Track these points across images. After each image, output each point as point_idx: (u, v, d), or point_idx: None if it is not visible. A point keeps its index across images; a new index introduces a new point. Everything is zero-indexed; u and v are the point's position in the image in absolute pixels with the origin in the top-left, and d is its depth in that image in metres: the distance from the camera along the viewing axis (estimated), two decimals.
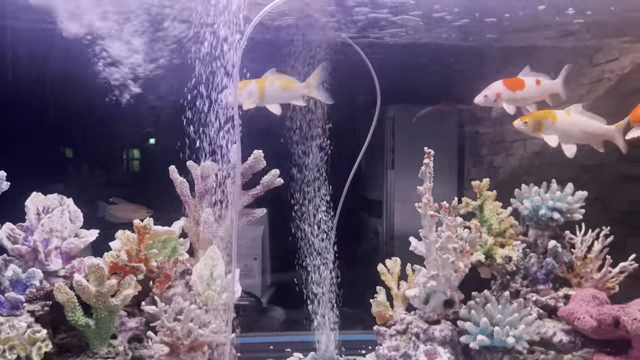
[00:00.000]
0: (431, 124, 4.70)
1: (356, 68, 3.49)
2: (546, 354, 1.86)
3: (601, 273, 1.85)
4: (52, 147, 2.56)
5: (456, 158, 4.72)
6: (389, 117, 4.92)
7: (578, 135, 1.94)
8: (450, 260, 1.70)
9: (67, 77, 2.17)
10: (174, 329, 1.55)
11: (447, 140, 4.79)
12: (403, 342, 1.81)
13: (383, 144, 4.81)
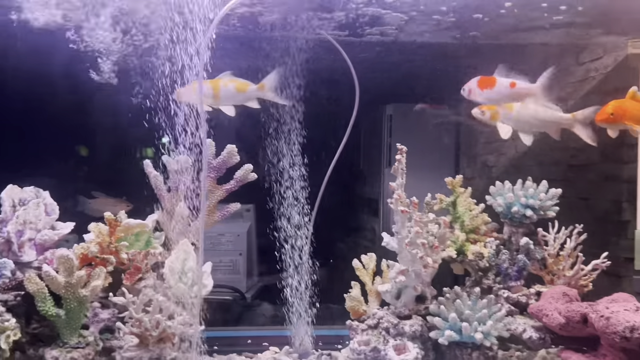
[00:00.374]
0: (428, 123, 4.71)
1: (357, 67, 3.51)
2: (522, 351, 1.87)
3: (573, 270, 1.85)
4: (35, 141, 2.60)
5: (453, 157, 4.73)
6: (386, 116, 4.93)
7: (534, 123, 1.92)
8: (419, 255, 1.71)
9: (45, 70, 2.20)
10: (142, 320, 1.57)
11: (444, 139, 4.81)
12: (374, 336, 1.82)
13: (380, 142, 4.82)
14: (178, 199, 1.82)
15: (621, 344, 1.57)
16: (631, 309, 1.60)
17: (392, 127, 4.75)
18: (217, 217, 1.88)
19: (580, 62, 2.81)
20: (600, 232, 2.62)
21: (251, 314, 2.77)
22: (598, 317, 1.61)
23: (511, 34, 2.73)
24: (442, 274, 2.05)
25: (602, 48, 2.62)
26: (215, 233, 2.91)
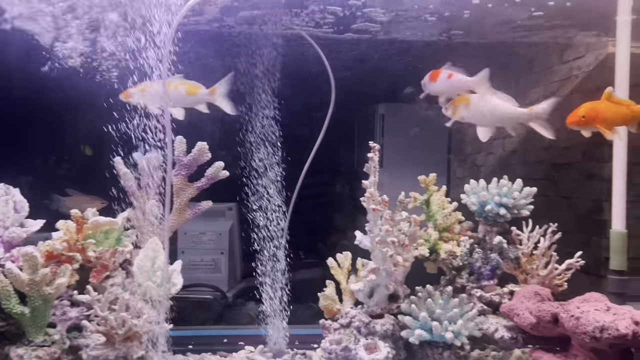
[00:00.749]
0: (420, 123, 4.70)
1: (351, 67, 3.50)
2: (497, 351, 1.86)
3: (547, 270, 1.83)
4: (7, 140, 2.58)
5: (445, 156, 4.72)
6: (379, 115, 4.92)
7: (491, 118, 1.90)
8: (389, 254, 1.70)
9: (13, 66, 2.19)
10: (107, 318, 1.56)
11: (436, 138, 4.79)
12: (345, 336, 1.80)
13: (373, 142, 4.79)
14: (149, 197, 1.81)
15: (591, 344, 1.56)
16: (602, 308, 1.59)
17: (385, 126, 4.75)
18: (188, 215, 1.87)
19: (564, 61, 2.79)
20: (581, 231, 2.61)
21: (232, 313, 2.75)
22: (568, 317, 1.59)
23: (497, 33, 2.73)
24: (420, 273, 2.05)
25: (584, 46, 2.61)
26: (197, 232, 2.90)
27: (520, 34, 2.70)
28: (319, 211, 4.57)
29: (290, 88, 3.14)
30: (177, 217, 1.86)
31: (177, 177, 1.82)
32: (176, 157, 1.81)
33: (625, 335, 1.49)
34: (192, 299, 2.73)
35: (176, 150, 1.81)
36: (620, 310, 1.57)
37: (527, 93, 3.23)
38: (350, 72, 3.66)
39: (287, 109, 2.57)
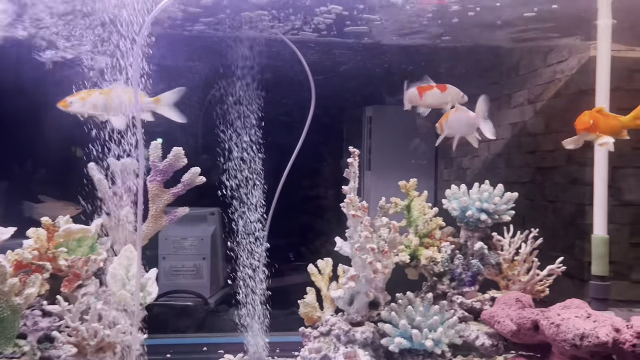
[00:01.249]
0: (408, 125, 4.69)
1: (339, 71, 3.48)
2: (480, 358, 1.84)
3: (529, 276, 1.82)
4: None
5: (433, 159, 4.71)
6: (366, 117, 4.91)
7: (462, 127, 1.97)
8: (368, 260, 1.67)
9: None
10: (78, 328, 1.52)
11: (423, 141, 4.79)
12: (325, 344, 1.78)
13: (360, 144, 4.80)
14: (124, 204, 1.77)
15: (571, 352, 1.54)
16: (582, 315, 1.57)
17: (372, 129, 4.73)
18: (164, 222, 1.83)
19: (548, 64, 2.79)
20: (565, 235, 2.61)
21: (214, 320, 2.71)
22: (549, 324, 1.57)
23: (484, 36, 2.72)
24: (405, 279, 2.02)
25: (567, 50, 2.60)
26: (178, 237, 2.86)
27: (507, 37, 2.70)
28: (306, 215, 4.55)
29: (276, 91, 3.11)
30: (153, 223, 1.82)
31: (152, 183, 1.79)
32: (151, 162, 1.78)
33: (606, 342, 1.47)
34: (173, 305, 2.69)
35: (151, 156, 1.78)
36: (601, 318, 1.55)
37: (513, 96, 3.23)
38: (339, 75, 3.65)
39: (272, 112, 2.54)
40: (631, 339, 1.50)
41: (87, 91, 1.66)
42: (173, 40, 2.36)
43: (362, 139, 4.83)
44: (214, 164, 2.15)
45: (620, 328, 1.52)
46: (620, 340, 1.50)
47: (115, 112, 1.62)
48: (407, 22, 2.47)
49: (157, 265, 2.91)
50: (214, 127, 2.27)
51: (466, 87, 2.27)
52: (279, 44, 2.54)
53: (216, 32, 2.33)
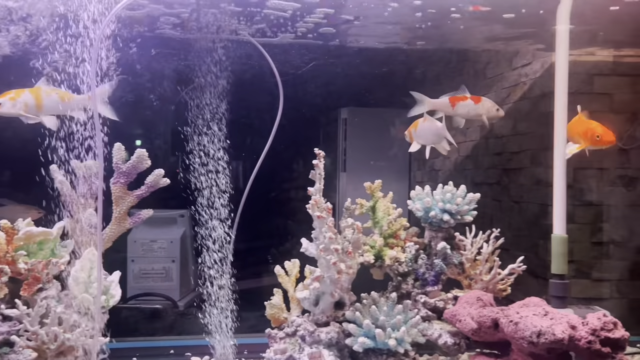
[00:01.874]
0: (382, 127, 4.72)
1: (314, 72, 3.49)
2: (446, 356, 1.86)
3: (490, 275, 1.85)
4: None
5: (407, 161, 4.76)
6: (341, 119, 4.93)
7: (430, 136, 2.04)
8: (332, 261, 1.68)
9: None
10: (37, 333, 1.50)
11: (398, 143, 4.83)
12: (290, 344, 1.79)
13: (336, 146, 4.82)
14: (86, 206, 1.75)
15: (529, 349, 1.58)
16: (540, 313, 1.61)
17: (347, 131, 4.76)
18: (128, 224, 1.82)
19: (513, 67, 2.85)
20: (530, 235, 2.66)
21: (184, 323, 2.70)
22: (507, 322, 1.61)
23: (453, 40, 2.76)
24: (372, 279, 2.04)
25: (531, 54, 2.66)
26: (147, 239, 2.84)
27: (475, 40, 2.74)
28: (279, 216, 4.55)
29: (247, 93, 3.11)
30: (117, 226, 1.81)
31: (115, 185, 1.78)
32: (115, 164, 1.76)
33: (562, 339, 1.51)
34: (142, 308, 2.66)
35: (114, 158, 1.76)
36: (558, 315, 1.59)
37: None
38: (314, 77, 3.66)
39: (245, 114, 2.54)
40: (586, 335, 1.54)
41: (17, 91, 1.63)
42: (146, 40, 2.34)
43: (337, 141, 4.86)
44: (185, 166, 2.14)
45: (576, 325, 1.56)
46: (576, 337, 1.54)
47: (47, 112, 1.59)
48: (382, 24, 2.50)
49: (126, 268, 2.89)
50: (186, 129, 2.26)
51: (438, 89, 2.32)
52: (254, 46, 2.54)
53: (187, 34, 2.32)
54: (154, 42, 2.37)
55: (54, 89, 1.68)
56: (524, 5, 2.09)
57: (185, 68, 2.40)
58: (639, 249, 2.49)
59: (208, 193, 2.14)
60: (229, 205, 2.12)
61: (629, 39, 2.45)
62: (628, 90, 2.49)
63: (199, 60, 2.43)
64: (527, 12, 2.16)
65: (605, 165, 2.51)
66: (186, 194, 2.14)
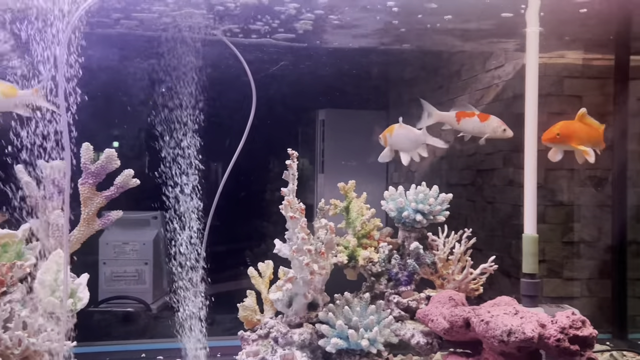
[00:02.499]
0: (360, 129, 4.73)
1: (292, 74, 3.48)
2: (419, 356, 1.87)
3: (462, 274, 1.87)
4: None
5: (385, 162, 4.76)
6: (319, 121, 4.94)
7: (406, 144, 2.08)
8: (304, 262, 1.68)
9: None
10: (1, 337, 1.46)
11: (375, 145, 4.84)
12: (263, 346, 1.77)
13: (313, 148, 4.82)
14: (54, 207, 1.71)
15: (500, 348, 1.59)
16: (510, 312, 1.62)
17: (325, 132, 4.76)
18: (97, 226, 1.78)
19: (487, 69, 2.88)
20: (503, 235, 2.70)
21: (157, 326, 2.66)
22: (479, 322, 1.62)
23: (428, 42, 2.78)
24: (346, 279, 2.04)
25: (504, 56, 2.69)
26: (119, 242, 2.79)
27: (449, 42, 2.77)
28: (256, 218, 4.53)
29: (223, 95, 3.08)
30: (85, 227, 1.77)
31: (84, 186, 1.74)
32: (83, 164, 1.73)
33: (532, 338, 1.52)
34: (114, 312, 2.62)
35: (83, 158, 1.73)
36: (528, 314, 1.61)
37: (455, 101, 3.31)
38: (291, 79, 3.65)
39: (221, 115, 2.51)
40: (555, 333, 1.56)
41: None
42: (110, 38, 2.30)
43: (315, 142, 4.86)
44: (158, 167, 2.11)
45: (546, 324, 1.58)
46: (545, 336, 1.56)
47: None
48: (359, 25, 2.50)
49: (98, 271, 2.84)
50: (160, 130, 2.23)
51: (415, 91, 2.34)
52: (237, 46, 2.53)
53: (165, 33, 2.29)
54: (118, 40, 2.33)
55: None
56: (498, 7, 2.12)
57: (155, 68, 2.37)
58: (608, 248, 2.54)
59: (181, 194, 2.12)
60: (203, 206, 2.10)
61: (597, 42, 2.50)
62: (597, 92, 2.54)
63: (170, 61, 2.40)
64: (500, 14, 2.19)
65: (575, 166, 2.55)
66: (159, 195, 2.11)
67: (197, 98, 2.33)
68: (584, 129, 1.96)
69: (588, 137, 1.96)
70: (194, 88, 2.34)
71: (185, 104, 2.29)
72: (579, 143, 1.95)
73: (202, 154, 2.19)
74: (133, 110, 3.13)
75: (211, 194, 2.10)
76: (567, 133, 1.93)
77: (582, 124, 1.96)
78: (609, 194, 2.53)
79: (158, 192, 2.09)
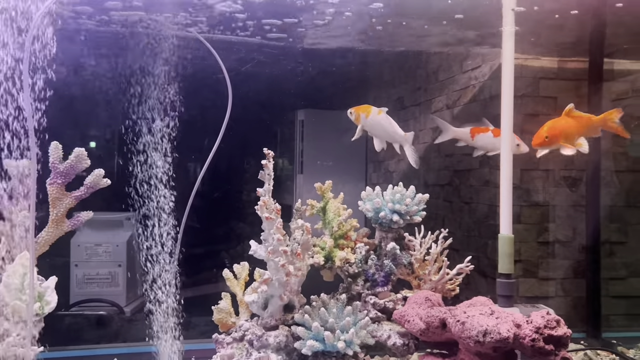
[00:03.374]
0: (339, 129, 4.71)
1: (272, 74, 3.45)
2: (397, 357, 1.86)
3: (439, 275, 1.86)
4: None
5: (364, 163, 4.78)
6: (298, 121, 4.92)
7: (381, 133, 2.05)
8: (280, 263, 1.65)
9: None
10: None
11: (354, 145, 4.83)
12: (238, 349, 1.74)
13: (293, 148, 4.80)
14: (20, 207, 1.65)
15: (476, 348, 1.59)
16: (486, 312, 1.62)
17: (304, 132, 4.74)
18: (66, 227, 1.73)
19: (464, 70, 2.89)
20: (479, 235, 2.71)
21: (130, 329, 2.60)
22: (455, 322, 1.61)
23: (407, 43, 2.78)
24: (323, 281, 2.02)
25: (480, 57, 2.71)
26: (92, 243, 2.73)
27: (426, 43, 2.77)
28: (234, 219, 4.49)
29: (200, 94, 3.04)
30: (54, 229, 1.72)
31: (52, 186, 1.69)
32: (51, 164, 1.67)
33: (507, 338, 1.52)
34: (86, 315, 2.56)
35: (51, 157, 1.68)
36: (503, 314, 1.61)
37: (433, 101, 3.33)
38: (271, 79, 3.63)
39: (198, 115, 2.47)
40: (530, 333, 1.56)
41: None
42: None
43: (294, 143, 4.84)
44: (133, 167, 2.07)
45: (521, 324, 1.59)
46: (520, 335, 1.56)
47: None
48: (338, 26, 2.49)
49: (69, 274, 2.77)
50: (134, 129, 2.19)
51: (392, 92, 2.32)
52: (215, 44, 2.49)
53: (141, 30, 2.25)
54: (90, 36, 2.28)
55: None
56: (476, 7, 2.13)
57: (130, 65, 2.32)
58: (582, 248, 2.57)
59: (156, 195, 2.08)
60: (178, 207, 2.06)
61: (571, 46, 2.53)
62: (572, 93, 2.57)
63: (146, 58, 2.36)
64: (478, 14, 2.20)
65: (550, 167, 2.58)
66: (133, 195, 2.07)
67: (172, 98, 2.29)
68: (571, 123, 1.97)
69: (577, 130, 1.97)
70: (169, 88, 2.30)
71: (160, 103, 2.26)
72: (567, 139, 1.97)
73: (178, 153, 2.15)
74: (104, 110, 3.07)
75: (187, 195, 2.07)
76: (555, 133, 1.95)
77: (569, 118, 1.97)
78: (583, 194, 2.56)
79: (131, 193, 2.05)
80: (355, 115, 2.04)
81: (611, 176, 2.64)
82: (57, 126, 1.68)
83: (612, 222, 2.64)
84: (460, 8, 2.16)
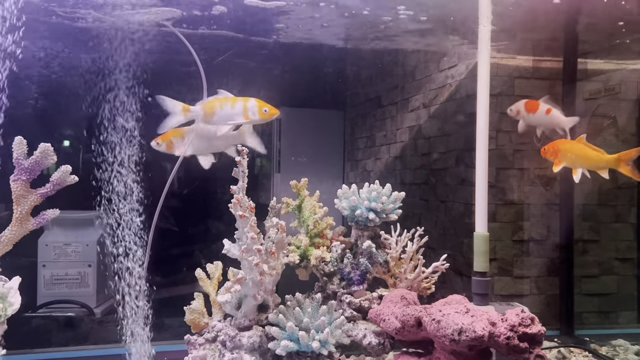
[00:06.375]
0: (317, 128, 4.70)
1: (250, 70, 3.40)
2: (372, 356, 1.84)
3: (415, 273, 1.85)
4: None
5: (341, 162, 4.77)
6: (275, 120, 4.87)
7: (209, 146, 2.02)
8: (254, 262, 1.62)
9: None
10: None
11: (331, 144, 4.82)
12: (210, 351, 1.70)
13: (270, 146, 4.75)
14: None
15: (451, 347, 1.58)
16: (461, 311, 1.61)
17: (282, 131, 4.71)
18: (31, 225, 1.66)
19: (440, 69, 2.90)
20: (455, 233, 2.71)
21: (101, 331, 2.53)
22: (430, 321, 1.60)
23: (384, 41, 2.77)
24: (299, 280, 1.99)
25: (457, 56, 2.71)
26: (61, 243, 2.65)
27: (402, 42, 2.77)
28: (210, 218, 4.43)
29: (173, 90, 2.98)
30: (18, 227, 1.65)
31: (16, 182, 1.62)
32: (15, 159, 1.61)
33: (482, 336, 1.52)
34: (54, 317, 2.48)
35: (15, 153, 1.61)
36: (479, 312, 1.61)
37: (410, 100, 3.32)
38: (247, 76, 3.59)
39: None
40: (505, 331, 1.56)
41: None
42: None
43: (272, 141, 4.80)
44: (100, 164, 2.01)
45: (496, 322, 1.58)
46: (495, 334, 1.56)
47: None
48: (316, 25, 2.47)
49: (37, 274, 2.69)
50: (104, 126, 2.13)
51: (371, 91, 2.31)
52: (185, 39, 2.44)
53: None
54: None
55: None
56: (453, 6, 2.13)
57: (98, 60, 2.26)
58: (555, 246, 2.59)
59: (127, 193, 2.03)
60: (151, 207, 2.02)
61: (546, 46, 2.56)
62: (546, 92, 2.60)
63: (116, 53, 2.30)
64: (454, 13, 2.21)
65: (525, 166, 2.60)
66: (102, 194, 2.01)
67: (144, 92, 2.24)
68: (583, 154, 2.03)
69: (586, 163, 2.03)
70: (140, 81, 2.25)
71: (130, 98, 2.20)
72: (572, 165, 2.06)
73: (149, 151, 2.11)
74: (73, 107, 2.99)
75: (159, 193, 2.02)
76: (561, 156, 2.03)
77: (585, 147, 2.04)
78: (557, 193, 2.59)
79: (101, 191, 1.99)
80: (167, 145, 2.00)
81: (584, 175, 2.67)
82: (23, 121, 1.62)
83: (585, 221, 2.67)
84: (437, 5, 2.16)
